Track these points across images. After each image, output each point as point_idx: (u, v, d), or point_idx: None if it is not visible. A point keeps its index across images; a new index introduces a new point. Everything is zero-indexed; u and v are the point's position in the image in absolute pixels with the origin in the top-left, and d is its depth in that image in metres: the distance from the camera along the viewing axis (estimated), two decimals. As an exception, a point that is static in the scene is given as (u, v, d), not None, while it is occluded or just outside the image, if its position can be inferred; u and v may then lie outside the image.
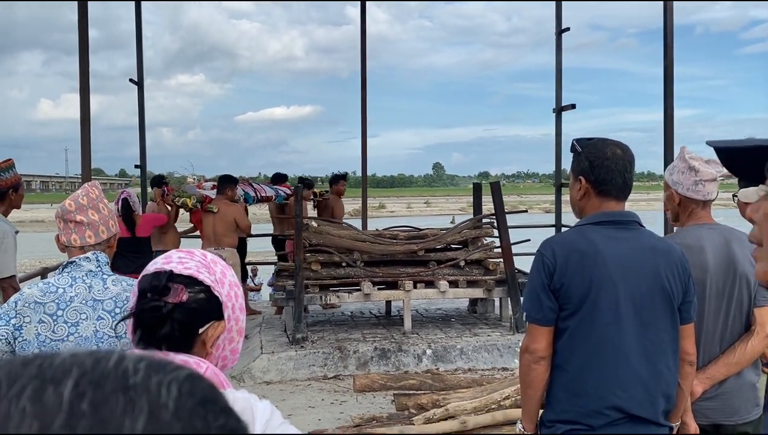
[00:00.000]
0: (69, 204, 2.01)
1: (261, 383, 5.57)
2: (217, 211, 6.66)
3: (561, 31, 9.43)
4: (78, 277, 1.93)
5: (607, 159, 1.95)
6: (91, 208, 2.02)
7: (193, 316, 1.16)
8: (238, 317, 1.23)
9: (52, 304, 1.88)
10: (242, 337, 1.25)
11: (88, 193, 2.05)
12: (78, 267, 1.95)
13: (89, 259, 1.97)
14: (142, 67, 9.11)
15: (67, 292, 1.90)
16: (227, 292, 1.20)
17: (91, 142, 6.56)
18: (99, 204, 2.05)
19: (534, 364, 1.94)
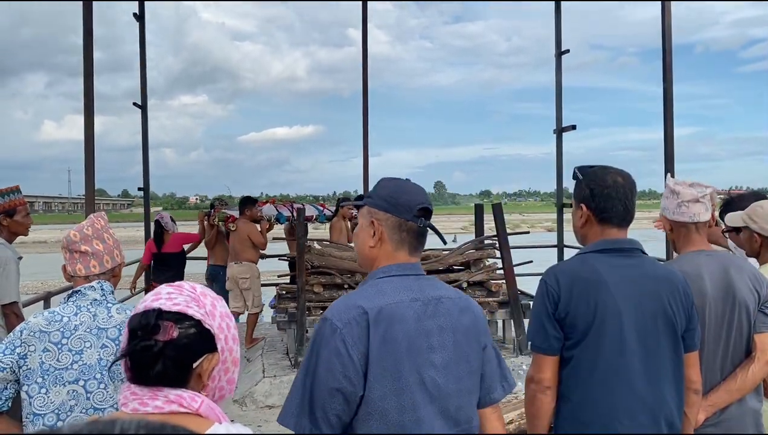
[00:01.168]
0: (74, 234, 2.04)
1: (263, 407, 5.52)
2: (235, 229, 7.23)
3: (561, 53, 9.51)
4: (83, 306, 1.96)
5: (608, 187, 1.96)
6: (95, 239, 2.05)
7: (186, 351, 1.17)
8: (232, 348, 1.23)
9: (57, 333, 1.90)
10: (237, 366, 1.25)
11: (93, 223, 2.08)
12: (83, 296, 1.98)
13: (94, 288, 1.99)
14: (145, 90, 9.18)
15: (72, 321, 1.92)
16: (218, 323, 1.21)
17: (95, 163, 6.58)
18: (104, 234, 2.08)
19: (540, 394, 1.92)
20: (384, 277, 1.62)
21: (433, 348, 1.54)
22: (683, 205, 2.27)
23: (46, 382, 1.86)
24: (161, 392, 1.14)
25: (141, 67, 9.17)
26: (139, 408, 1.13)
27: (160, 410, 1.12)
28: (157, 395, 1.13)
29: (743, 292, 2.21)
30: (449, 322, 1.59)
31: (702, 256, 2.26)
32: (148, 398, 1.13)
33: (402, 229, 1.65)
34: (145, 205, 9.74)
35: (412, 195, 1.67)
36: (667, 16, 6.93)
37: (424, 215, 1.66)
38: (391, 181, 1.72)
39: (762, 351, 2.21)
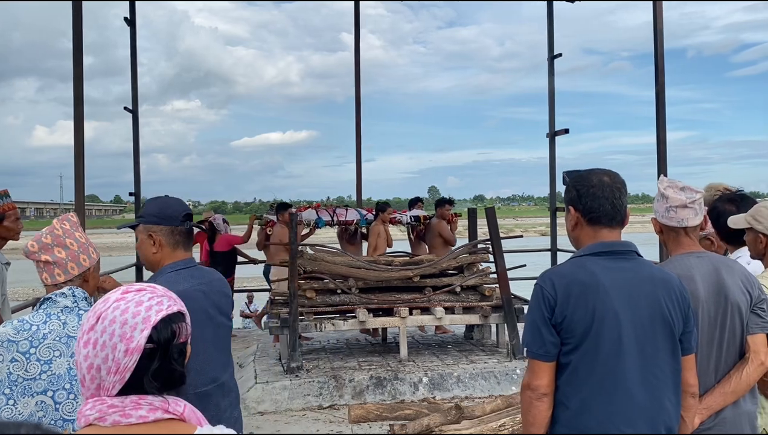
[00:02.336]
0: (32, 245, 1.96)
1: (255, 414, 5.48)
2: (271, 233, 7.85)
3: (553, 57, 9.54)
4: (53, 314, 1.89)
5: (593, 186, 1.94)
6: (57, 246, 1.96)
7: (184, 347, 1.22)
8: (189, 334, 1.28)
9: (26, 342, 1.83)
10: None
11: (52, 230, 1.99)
12: (54, 303, 1.92)
13: (65, 294, 1.93)
14: (136, 95, 9.15)
15: (41, 330, 1.85)
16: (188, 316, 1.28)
17: (85, 169, 6.54)
18: (67, 240, 1.98)
19: (536, 401, 1.89)
20: (172, 272, 2.17)
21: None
22: (671, 210, 2.27)
23: (14, 393, 1.79)
24: (144, 400, 1.11)
25: (132, 71, 9.14)
26: (122, 420, 1.09)
27: (144, 419, 1.09)
28: (140, 404, 1.10)
29: (735, 293, 2.20)
30: (228, 300, 2.35)
31: (692, 257, 2.25)
32: (130, 409, 1.09)
33: (174, 233, 2.21)
34: (136, 211, 9.69)
35: (175, 206, 2.23)
36: (659, 18, 6.96)
37: (188, 219, 2.24)
38: (155, 200, 2.26)
39: (755, 352, 2.20)
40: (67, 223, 2.04)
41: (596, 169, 2.01)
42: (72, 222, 2.06)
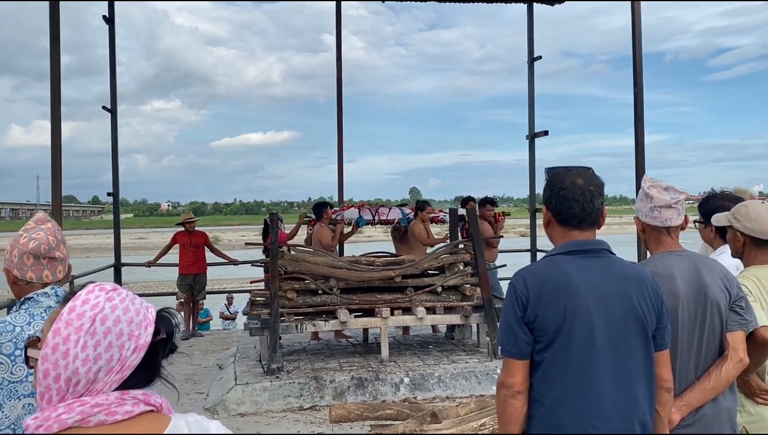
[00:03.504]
0: (51, 240, 1.99)
1: (235, 415, 5.44)
2: (311, 232, 7.89)
3: (533, 59, 9.62)
4: (36, 314, 1.87)
5: (564, 188, 1.96)
6: (61, 244, 2.03)
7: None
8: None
9: (10, 344, 1.79)
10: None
11: (54, 231, 2.03)
12: (36, 303, 1.89)
13: (47, 294, 1.91)
14: (115, 94, 9.04)
15: (25, 331, 1.82)
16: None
17: (62, 169, 6.45)
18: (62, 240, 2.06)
19: (511, 398, 1.91)
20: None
21: None
22: (656, 209, 2.30)
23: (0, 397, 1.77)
24: (128, 395, 1.11)
25: (111, 70, 9.03)
26: (107, 419, 1.07)
27: (130, 414, 1.09)
28: (124, 400, 1.10)
29: (715, 291, 2.23)
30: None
31: (673, 256, 2.29)
32: (116, 406, 1.09)
33: None
34: (115, 211, 9.59)
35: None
36: (638, 22, 7.05)
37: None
38: None
39: (734, 349, 2.23)
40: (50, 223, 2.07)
41: (574, 169, 2.02)
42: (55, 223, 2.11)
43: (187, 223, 8.84)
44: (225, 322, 13.53)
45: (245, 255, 12.15)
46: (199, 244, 8.83)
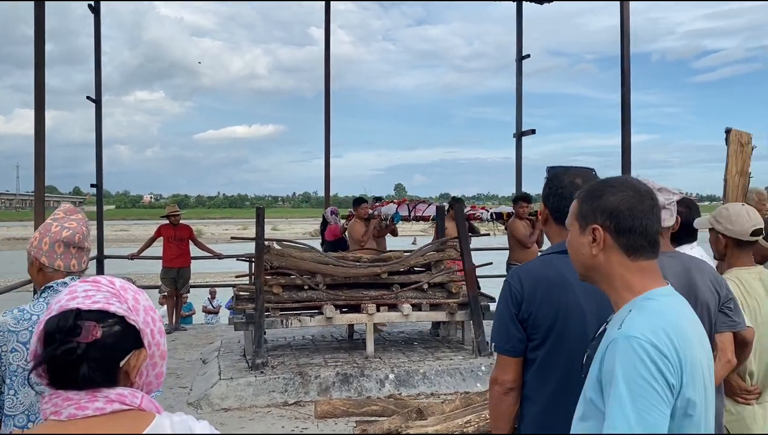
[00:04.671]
0: (84, 231, 2.08)
1: (219, 410, 5.41)
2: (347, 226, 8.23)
3: (521, 58, 9.64)
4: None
5: (562, 187, 1.97)
6: (89, 235, 2.12)
7: (112, 350, 1.11)
8: (159, 342, 1.18)
9: (26, 332, 1.83)
10: (165, 360, 1.21)
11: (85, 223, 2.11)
12: (55, 292, 1.93)
13: (66, 283, 1.94)
14: (100, 84, 8.92)
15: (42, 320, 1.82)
16: (143, 318, 1.16)
17: (45, 159, 6.35)
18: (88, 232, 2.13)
19: (504, 395, 1.91)
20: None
21: None
22: None
23: (14, 383, 1.81)
24: (100, 393, 1.08)
25: (96, 60, 8.91)
26: (77, 413, 1.06)
27: (101, 411, 1.07)
28: (96, 397, 1.08)
29: (704, 292, 2.25)
30: None
31: (664, 257, 2.29)
32: (86, 401, 1.07)
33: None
34: (98, 203, 9.47)
35: None
36: (626, 22, 7.09)
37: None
38: None
39: (722, 350, 2.26)
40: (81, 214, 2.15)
41: (574, 169, 2.03)
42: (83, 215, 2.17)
43: (171, 216, 8.75)
44: (208, 316, 13.43)
45: (229, 249, 12.07)
46: (184, 238, 8.76)
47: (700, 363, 1.33)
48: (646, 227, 1.42)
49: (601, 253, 1.44)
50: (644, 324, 1.31)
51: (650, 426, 1.23)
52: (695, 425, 1.31)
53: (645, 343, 1.27)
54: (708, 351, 1.42)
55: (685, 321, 1.36)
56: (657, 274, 1.46)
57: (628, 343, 1.28)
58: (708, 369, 1.37)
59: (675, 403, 1.27)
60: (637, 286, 1.42)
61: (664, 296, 1.41)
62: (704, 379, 1.34)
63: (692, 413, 1.30)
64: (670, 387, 1.26)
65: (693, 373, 1.30)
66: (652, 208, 1.44)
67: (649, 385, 1.24)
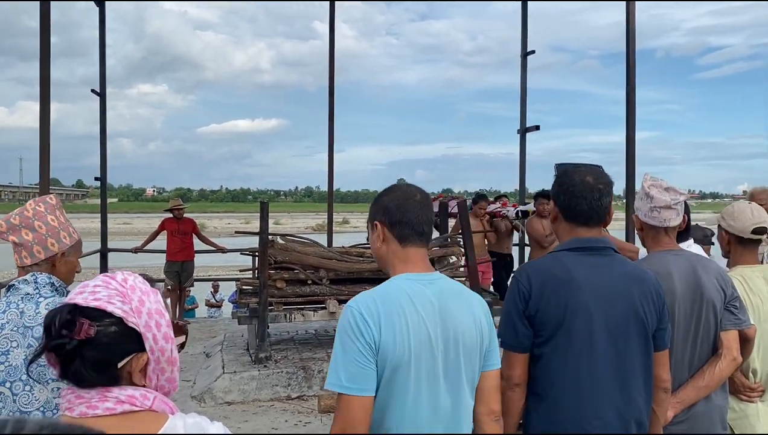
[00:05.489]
0: (0, 224, 1.92)
1: (222, 404, 5.43)
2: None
3: (526, 54, 9.60)
4: (12, 303, 1.83)
5: (573, 185, 1.97)
6: (24, 228, 1.91)
7: (106, 351, 1.09)
8: (164, 347, 1.15)
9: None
10: (175, 365, 1.19)
11: (23, 211, 1.94)
12: (16, 290, 1.86)
13: (27, 281, 1.87)
14: (104, 77, 8.91)
15: (0, 319, 1.80)
16: (146, 321, 1.13)
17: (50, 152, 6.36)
18: (35, 222, 1.92)
19: (509, 390, 1.92)
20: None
21: None
22: (655, 210, 2.31)
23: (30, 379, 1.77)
24: (110, 393, 1.09)
25: (100, 54, 8.90)
26: (88, 411, 1.07)
27: (111, 411, 1.07)
28: (107, 397, 1.08)
29: (710, 290, 2.25)
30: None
31: (670, 255, 2.31)
32: (97, 401, 1.08)
33: None
34: (102, 197, 9.48)
35: None
36: (632, 19, 7.06)
37: None
38: None
39: (728, 348, 2.26)
40: (41, 205, 1.96)
41: (583, 166, 2.03)
42: (48, 205, 1.98)
43: (175, 210, 8.77)
44: (211, 310, 13.47)
45: (232, 243, 12.09)
46: (187, 232, 8.77)
47: (412, 326, 1.60)
48: (411, 220, 1.71)
49: (384, 245, 1.74)
50: (364, 296, 1.63)
51: (352, 375, 1.56)
52: (404, 375, 1.59)
53: (354, 309, 1.59)
54: (439, 319, 1.64)
55: (402, 296, 1.63)
56: (420, 262, 1.73)
57: (345, 310, 1.62)
58: (430, 333, 1.62)
59: (378, 356, 1.57)
60: (398, 270, 1.71)
61: (403, 279, 1.67)
62: (410, 341, 1.59)
63: (401, 365, 1.58)
64: (370, 344, 1.56)
65: (398, 333, 1.58)
66: (416, 205, 1.72)
67: (353, 341, 1.56)
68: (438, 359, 1.63)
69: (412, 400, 1.60)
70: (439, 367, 1.63)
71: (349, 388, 1.55)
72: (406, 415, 1.60)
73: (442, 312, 1.65)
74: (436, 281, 1.70)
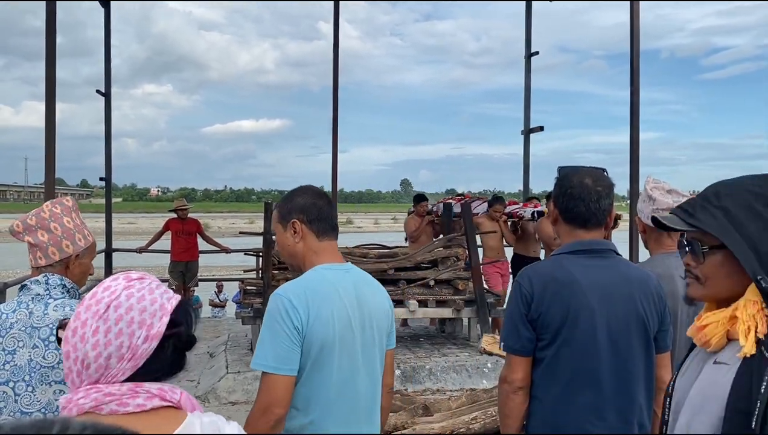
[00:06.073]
0: (17, 224, 1.93)
1: (226, 404, 5.44)
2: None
3: (530, 54, 9.60)
4: (23, 302, 1.85)
5: (572, 187, 1.97)
6: (40, 229, 1.92)
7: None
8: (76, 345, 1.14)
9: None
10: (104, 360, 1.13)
11: (39, 212, 1.95)
12: (27, 291, 1.88)
13: (39, 282, 1.88)
14: (110, 78, 8.94)
15: (9, 319, 1.82)
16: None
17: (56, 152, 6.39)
18: (51, 224, 1.93)
19: (512, 394, 1.93)
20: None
21: None
22: (658, 212, 2.31)
23: (32, 380, 1.78)
24: (141, 388, 1.10)
25: (105, 54, 8.93)
26: (119, 409, 1.08)
27: (142, 408, 1.08)
28: (137, 392, 1.09)
29: None
30: None
31: (673, 257, 2.31)
32: (128, 397, 1.08)
33: None
34: (107, 197, 9.51)
35: None
36: (636, 19, 7.04)
37: None
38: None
39: None
40: (58, 207, 1.98)
41: (584, 169, 2.04)
42: (64, 206, 2.00)
43: (180, 210, 8.79)
44: (214, 310, 13.50)
45: (236, 243, 12.11)
46: (192, 232, 8.79)
47: (335, 311, 1.79)
48: (326, 216, 1.92)
49: (302, 241, 1.91)
50: (291, 285, 1.81)
51: (279, 357, 1.72)
52: (329, 353, 1.77)
53: (282, 297, 1.76)
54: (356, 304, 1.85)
55: (326, 283, 1.82)
56: (335, 253, 1.94)
57: (273, 297, 1.78)
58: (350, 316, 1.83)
59: (305, 339, 1.74)
60: (315, 262, 1.89)
61: (323, 269, 1.86)
62: (335, 324, 1.78)
63: (327, 345, 1.76)
64: (298, 328, 1.73)
65: (323, 318, 1.76)
66: (327, 203, 1.96)
67: (281, 326, 1.73)
68: (357, 339, 1.84)
69: (337, 374, 1.79)
70: (357, 345, 1.84)
71: (277, 368, 1.72)
72: (332, 387, 1.79)
73: (359, 298, 1.86)
74: (351, 271, 1.92)
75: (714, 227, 1.22)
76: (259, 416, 1.73)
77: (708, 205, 1.26)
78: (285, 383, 1.72)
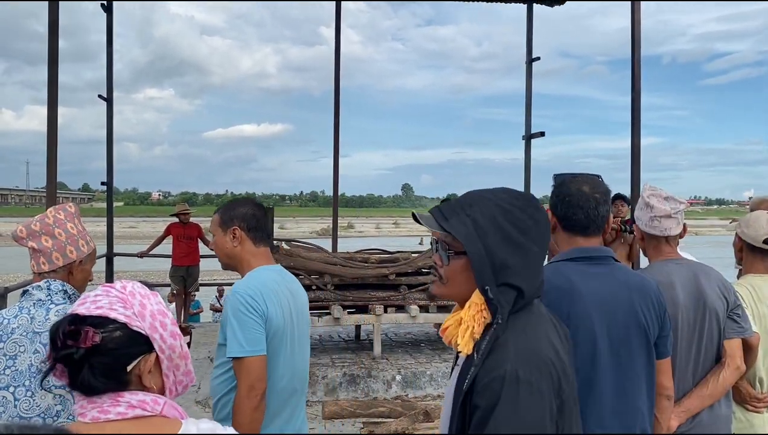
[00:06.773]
0: (20, 230, 1.94)
1: (226, 409, 5.43)
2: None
3: (531, 60, 9.60)
4: (25, 308, 1.86)
5: (570, 195, 1.97)
6: (44, 234, 1.93)
7: (114, 356, 1.12)
8: (173, 345, 1.19)
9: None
10: (188, 359, 1.23)
11: (43, 218, 1.96)
12: (29, 296, 1.88)
13: (40, 287, 1.89)
14: (111, 83, 8.95)
15: (11, 324, 1.82)
16: (150, 323, 1.16)
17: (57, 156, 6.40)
18: (56, 229, 1.94)
19: None
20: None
21: None
22: (656, 219, 2.31)
23: (32, 385, 1.78)
24: (122, 398, 1.10)
25: (108, 59, 8.94)
26: (100, 416, 1.09)
27: (123, 416, 1.09)
28: (118, 401, 1.10)
29: (713, 299, 2.25)
30: None
31: (672, 264, 2.30)
32: (108, 405, 1.09)
33: None
34: (108, 201, 9.51)
35: None
36: (637, 25, 7.05)
37: None
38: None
39: (731, 357, 2.26)
40: (61, 213, 1.99)
41: (580, 176, 2.04)
42: (68, 212, 2.01)
43: (181, 215, 8.79)
44: (216, 315, 13.48)
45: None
46: (193, 236, 8.80)
47: (281, 303, 2.15)
48: (263, 226, 2.25)
49: (240, 245, 2.23)
50: (245, 283, 2.13)
51: (252, 339, 2.04)
52: (281, 338, 2.14)
53: (243, 293, 2.09)
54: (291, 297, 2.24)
55: (272, 282, 2.17)
56: (269, 257, 2.28)
57: (233, 295, 2.10)
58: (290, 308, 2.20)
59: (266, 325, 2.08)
60: (254, 264, 2.22)
61: (265, 270, 2.21)
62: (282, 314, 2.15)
63: (279, 331, 2.12)
64: (261, 316, 2.07)
65: (276, 309, 2.12)
66: (264, 215, 2.28)
67: (247, 317, 2.05)
68: (294, 327, 2.21)
69: (287, 355, 2.17)
70: (295, 332, 2.21)
71: (252, 351, 2.02)
72: (287, 365, 2.17)
73: (292, 293, 2.24)
74: (282, 271, 2.27)
75: (462, 235, 1.30)
76: (245, 396, 1.99)
77: (461, 213, 1.34)
78: (260, 362, 2.04)
